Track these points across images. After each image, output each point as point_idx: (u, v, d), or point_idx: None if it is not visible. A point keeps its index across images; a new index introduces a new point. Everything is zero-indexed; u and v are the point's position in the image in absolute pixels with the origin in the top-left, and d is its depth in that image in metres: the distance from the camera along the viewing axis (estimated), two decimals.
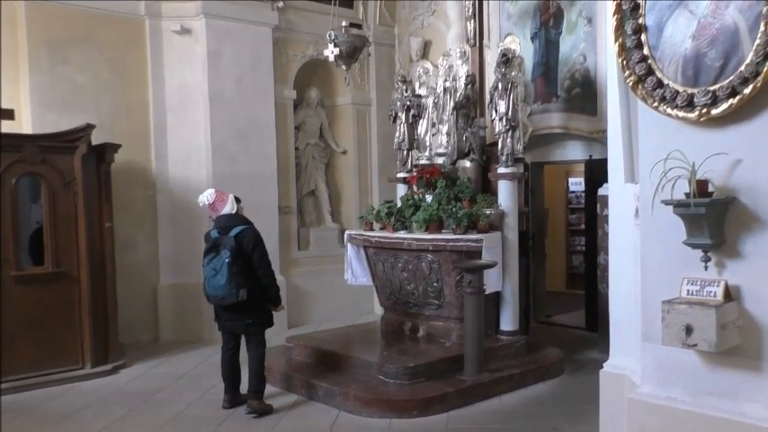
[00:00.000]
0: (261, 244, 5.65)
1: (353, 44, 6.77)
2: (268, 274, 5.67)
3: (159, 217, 8.60)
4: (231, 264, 5.40)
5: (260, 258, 5.60)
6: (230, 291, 5.42)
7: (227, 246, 5.46)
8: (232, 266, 5.40)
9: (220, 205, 5.71)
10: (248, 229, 5.64)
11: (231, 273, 5.40)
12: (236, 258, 5.44)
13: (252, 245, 5.56)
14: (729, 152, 3.09)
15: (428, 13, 9.82)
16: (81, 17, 8.02)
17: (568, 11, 7.98)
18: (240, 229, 5.60)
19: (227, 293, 5.43)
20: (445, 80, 7.80)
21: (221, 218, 5.69)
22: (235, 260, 5.42)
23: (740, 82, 2.98)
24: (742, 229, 3.11)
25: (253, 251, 5.56)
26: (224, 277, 5.41)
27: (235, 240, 5.50)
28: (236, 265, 5.43)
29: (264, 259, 5.65)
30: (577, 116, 7.90)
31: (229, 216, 5.69)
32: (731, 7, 2.99)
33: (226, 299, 5.47)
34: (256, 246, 5.59)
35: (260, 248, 5.62)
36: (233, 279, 5.40)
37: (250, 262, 5.57)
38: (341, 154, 10.22)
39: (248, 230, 5.62)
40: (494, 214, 6.83)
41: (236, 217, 5.71)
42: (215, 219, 5.74)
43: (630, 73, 3.33)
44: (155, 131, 8.56)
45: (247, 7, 8.82)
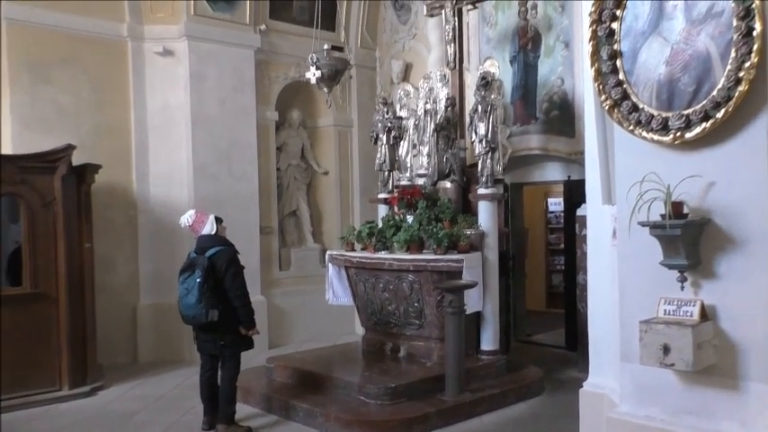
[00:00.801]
0: (234, 265, 5.57)
1: (335, 67, 6.81)
2: (240, 296, 5.58)
3: (140, 237, 8.53)
4: (202, 284, 5.35)
5: (232, 280, 5.52)
6: (200, 311, 5.37)
7: (201, 266, 5.42)
8: (203, 286, 5.35)
9: (200, 226, 5.67)
10: (224, 250, 5.59)
11: (201, 293, 5.35)
12: (208, 279, 5.38)
13: (225, 266, 5.50)
14: (703, 175, 3.15)
15: (409, 36, 9.92)
16: (64, 38, 7.98)
17: (546, 35, 8.10)
18: (216, 250, 5.55)
19: (198, 313, 5.39)
20: (426, 102, 7.85)
21: (201, 238, 5.67)
22: (206, 280, 5.37)
23: (713, 106, 3.04)
24: (717, 250, 3.16)
25: (225, 272, 5.49)
26: (194, 297, 5.36)
27: (208, 261, 5.46)
28: (208, 286, 5.37)
29: (237, 281, 5.56)
30: (556, 138, 7.99)
31: (208, 237, 5.66)
32: (703, 34, 3.06)
33: (196, 318, 5.43)
34: (229, 267, 5.51)
35: (233, 270, 5.54)
36: (203, 299, 5.35)
37: (222, 283, 5.51)
38: (322, 174, 10.23)
39: (223, 251, 5.56)
40: (474, 235, 6.85)
41: (214, 238, 5.67)
42: (197, 239, 5.71)
43: (606, 97, 3.39)
44: (136, 152, 8.51)
45: (230, 30, 8.84)
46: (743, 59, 2.91)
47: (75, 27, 8.04)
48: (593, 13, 3.40)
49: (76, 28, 8.06)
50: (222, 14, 8.77)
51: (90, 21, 8.16)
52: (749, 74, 2.91)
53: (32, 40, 7.75)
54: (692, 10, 3.10)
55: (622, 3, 3.32)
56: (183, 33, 8.50)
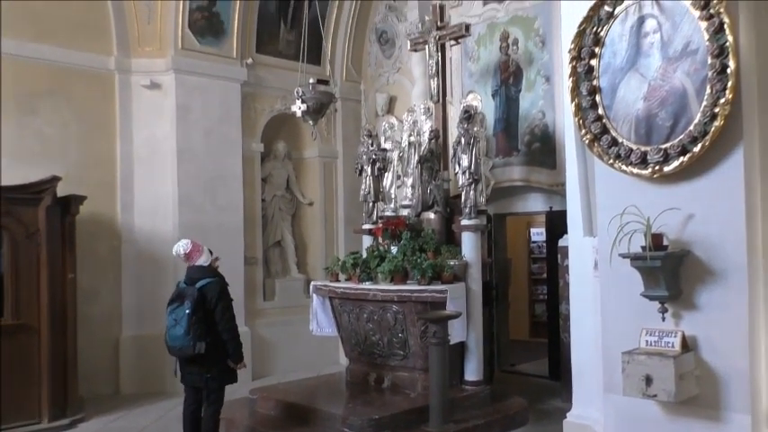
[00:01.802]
0: (225, 298, 5.51)
1: (320, 100, 6.86)
2: (229, 329, 5.50)
3: (123, 268, 8.44)
4: (191, 315, 5.27)
5: (222, 313, 5.44)
6: (188, 343, 5.28)
7: (191, 297, 5.35)
8: (191, 318, 5.27)
9: (196, 255, 5.58)
10: (214, 281, 5.52)
11: (190, 324, 5.26)
12: (197, 310, 5.30)
13: (215, 298, 5.43)
14: (682, 207, 3.18)
15: (393, 70, 10.02)
16: (51, 71, 7.98)
17: (527, 69, 8.22)
18: (207, 281, 5.49)
19: (185, 345, 5.30)
20: (410, 135, 7.90)
21: (192, 268, 5.59)
22: (195, 312, 5.29)
23: (690, 141, 3.09)
24: (696, 281, 3.18)
25: (216, 305, 5.42)
26: (183, 328, 5.28)
27: (198, 292, 5.40)
28: (196, 317, 5.29)
29: (226, 314, 5.48)
30: (538, 169, 8.06)
31: (200, 267, 5.58)
32: (679, 71, 3.12)
33: (183, 350, 5.34)
34: (220, 300, 5.44)
35: (223, 303, 5.47)
36: (191, 331, 5.27)
37: (212, 315, 5.44)
38: (307, 205, 10.22)
39: (214, 283, 5.50)
40: (458, 265, 6.85)
41: (206, 269, 5.60)
42: (187, 269, 5.64)
43: (587, 131, 3.43)
44: (121, 183, 8.47)
45: (217, 63, 8.88)
46: (718, 96, 2.97)
47: (63, 60, 8.05)
48: (573, 50, 3.46)
49: (64, 61, 8.07)
50: (209, 48, 8.82)
51: (78, 54, 8.18)
52: (724, 109, 2.96)
53: (20, 72, 7.72)
54: (668, 48, 3.16)
55: (601, 40, 3.38)
56: (171, 67, 8.53)
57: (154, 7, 8.51)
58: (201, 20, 8.67)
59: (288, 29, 9.59)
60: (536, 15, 8.13)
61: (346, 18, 10.11)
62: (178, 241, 5.75)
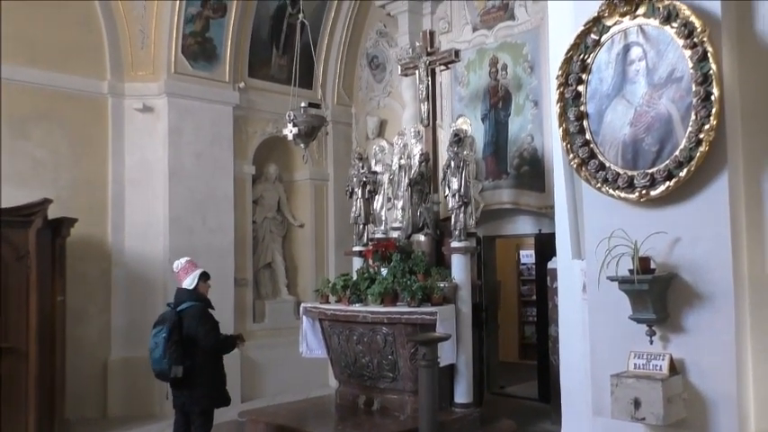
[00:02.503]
0: (206, 322, 5.42)
1: (312, 124, 6.89)
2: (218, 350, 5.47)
3: (113, 289, 8.39)
4: (167, 339, 5.23)
5: (205, 337, 5.36)
6: (164, 366, 5.24)
7: (169, 320, 5.32)
8: (167, 342, 5.23)
9: (183, 276, 5.57)
10: (194, 306, 5.44)
11: (166, 347, 5.23)
12: (174, 334, 5.25)
13: (195, 322, 5.35)
14: (669, 231, 3.20)
15: (384, 94, 10.09)
16: (44, 94, 7.99)
17: (516, 94, 8.30)
18: (187, 305, 5.43)
19: (162, 368, 5.27)
20: (400, 158, 7.93)
21: (179, 291, 5.57)
22: (171, 335, 5.24)
23: (675, 166, 3.12)
24: (684, 305, 3.19)
25: (197, 330, 5.34)
26: (160, 352, 5.25)
27: (178, 316, 5.35)
28: (173, 341, 5.23)
29: (210, 336, 5.39)
30: (527, 192, 8.11)
31: (185, 291, 5.55)
32: (664, 98, 3.16)
33: (161, 374, 5.32)
34: (200, 324, 5.36)
35: (206, 327, 5.38)
36: (167, 354, 5.23)
37: (191, 339, 5.36)
38: (298, 227, 10.21)
39: (193, 307, 5.42)
40: (447, 287, 6.85)
41: (190, 293, 5.54)
42: (176, 290, 5.61)
43: (574, 156, 3.46)
44: (112, 205, 8.45)
45: (210, 87, 8.92)
46: (702, 122, 3.00)
47: (56, 84, 8.07)
48: (561, 77, 3.49)
49: (57, 85, 8.09)
50: (202, 72, 8.86)
51: (71, 78, 8.20)
52: (709, 135, 2.99)
53: (13, 96, 7.71)
54: (653, 75, 3.20)
55: (588, 67, 3.41)
56: (164, 90, 8.56)
57: (148, 32, 8.57)
58: (195, 45, 8.73)
59: (280, 54, 9.66)
60: (524, 42, 8.23)
61: (338, 43, 10.20)
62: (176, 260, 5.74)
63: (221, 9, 8.78)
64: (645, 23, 3.21)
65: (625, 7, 3.24)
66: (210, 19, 8.75)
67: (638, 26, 3.24)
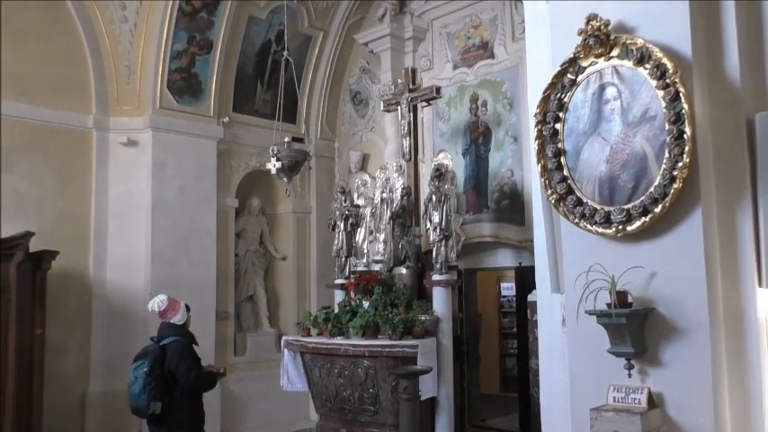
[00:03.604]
0: (187, 359, 5.25)
1: (295, 158, 6.92)
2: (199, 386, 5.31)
3: (93, 322, 8.25)
4: (148, 374, 5.06)
5: (185, 374, 5.19)
6: (143, 402, 5.05)
7: (152, 354, 5.15)
8: (148, 377, 5.06)
9: (171, 314, 5.37)
10: (177, 341, 5.29)
11: (146, 383, 5.04)
12: (155, 369, 5.09)
13: (176, 359, 5.20)
14: (645, 265, 3.23)
15: (367, 129, 10.16)
16: (29, 128, 7.91)
17: (496, 130, 8.41)
18: (171, 339, 5.28)
19: (140, 404, 5.07)
20: (382, 191, 7.97)
21: (164, 325, 5.40)
22: (153, 369, 5.08)
23: (651, 202, 3.16)
24: (661, 338, 3.20)
25: (177, 365, 5.19)
26: (139, 387, 5.06)
27: (160, 350, 5.21)
28: (153, 376, 5.07)
29: (191, 374, 5.21)
30: (507, 226, 8.16)
31: (170, 325, 5.38)
32: (639, 136, 3.22)
33: (139, 410, 5.12)
34: (181, 360, 5.21)
35: (186, 363, 5.21)
36: (146, 390, 5.04)
37: (172, 375, 5.21)
38: (280, 260, 10.15)
39: (176, 342, 5.27)
40: (429, 320, 6.83)
41: (175, 327, 5.39)
42: (160, 324, 5.47)
43: (552, 192, 3.50)
44: (95, 238, 8.36)
45: (194, 122, 8.92)
46: (676, 160, 3.06)
47: (41, 118, 8.03)
48: (539, 115, 3.55)
49: (43, 119, 8.05)
50: (187, 107, 8.88)
51: (57, 113, 8.18)
52: (682, 173, 3.05)
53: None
54: (628, 114, 3.26)
55: (565, 106, 3.47)
56: (149, 125, 8.55)
57: (134, 68, 8.60)
58: (180, 80, 8.76)
59: (264, 89, 9.72)
60: (504, 80, 8.37)
61: (322, 79, 10.29)
62: (155, 296, 5.55)
63: (207, 46, 8.84)
64: (619, 65, 3.28)
65: (600, 49, 3.32)
66: (196, 55, 8.80)
67: (612, 67, 3.31)
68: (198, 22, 8.66)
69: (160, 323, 5.45)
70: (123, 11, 8.43)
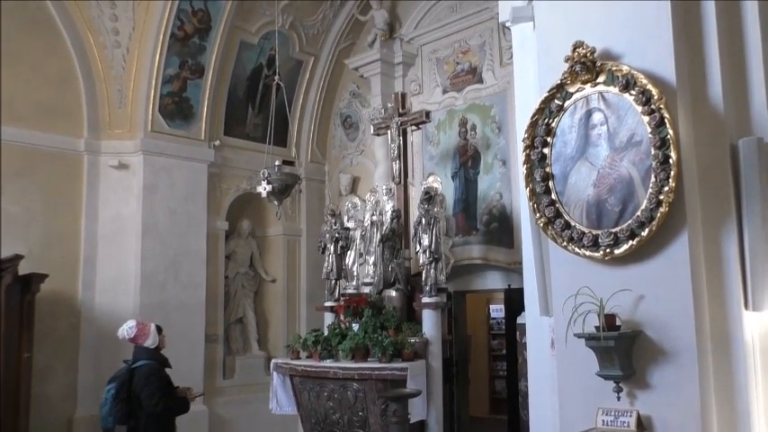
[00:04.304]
0: (152, 383, 5.16)
1: (285, 182, 6.92)
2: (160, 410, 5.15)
3: (81, 346, 8.15)
4: (115, 396, 5.06)
5: (148, 399, 5.11)
6: (109, 424, 5.05)
7: (120, 378, 5.14)
8: (115, 399, 5.06)
9: (142, 338, 5.33)
10: (147, 365, 5.23)
11: (112, 405, 5.05)
12: (121, 392, 5.08)
13: (141, 383, 5.13)
14: (633, 288, 3.24)
15: (357, 152, 10.20)
16: (20, 152, 7.86)
17: (485, 153, 8.46)
18: (141, 363, 5.24)
19: (107, 426, 5.08)
20: (372, 214, 7.96)
21: (138, 348, 5.36)
22: (118, 393, 5.07)
23: (638, 225, 3.18)
24: (649, 361, 3.20)
25: (141, 390, 5.12)
26: (107, 408, 5.07)
27: (129, 374, 5.16)
28: (119, 399, 5.06)
29: (153, 399, 5.11)
30: (496, 248, 8.17)
31: (143, 349, 5.33)
32: (625, 160, 3.24)
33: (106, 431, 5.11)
34: (145, 385, 5.13)
35: (149, 388, 5.13)
36: (112, 412, 5.05)
37: (138, 398, 5.14)
38: (270, 282, 10.10)
39: (146, 366, 5.22)
40: (418, 343, 6.80)
41: (147, 351, 5.33)
42: (134, 348, 5.41)
43: (541, 215, 3.51)
44: (84, 261, 8.29)
45: (185, 145, 8.92)
46: (662, 184, 3.08)
47: (32, 141, 8.00)
48: (527, 139, 3.58)
49: (34, 142, 8.01)
50: (178, 131, 8.88)
51: (48, 136, 8.15)
52: (668, 197, 3.07)
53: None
54: (614, 139, 3.29)
55: (552, 130, 3.50)
56: (140, 148, 8.54)
57: (126, 92, 8.61)
58: (172, 104, 8.77)
59: (255, 112, 9.75)
60: (492, 104, 8.44)
61: (312, 103, 10.35)
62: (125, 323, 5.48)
63: (199, 70, 8.87)
64: (605, 91, 3.32)
65: (586, 75, 3.36)
66: (188, 80, 8.83)
67: (598, 93, 3.35)
68: (190, 47, 8.71)
69: (134, 347, 5.38)
70: (116, 36, 8.46)
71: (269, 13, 9.10)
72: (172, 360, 5.60)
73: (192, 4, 8.52)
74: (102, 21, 8.42)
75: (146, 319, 7.85)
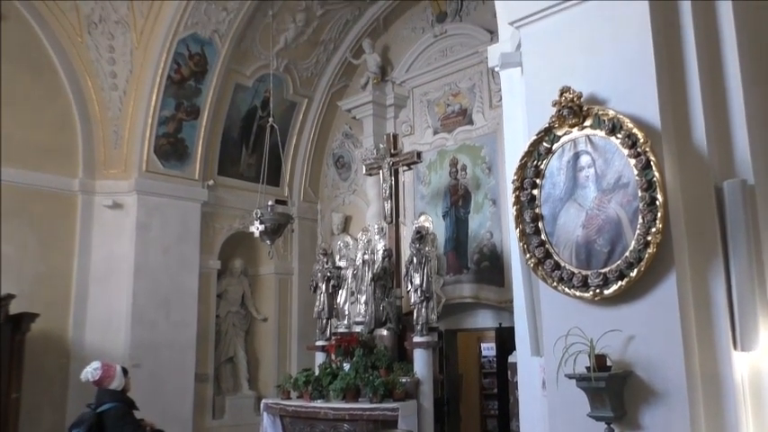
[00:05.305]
0: (129, 423, 5.01)
1: (278, 221, 6.93)
2: None
3: (70, 385, 8.00)
4: None
5: None
6: None
7: (87, 422, 4.89)
8: None
9: (107, 381, 5.11)
10: (116, 407, 5.04)
11: None
12: None
13: (119, 425, 4.95)
14: (623, 329, 3.22)
15: (349, 192, 10.23)
16: (14, 192, 7.86)
17: (475, 193, 8.51)
18: (108, 406, 5.02)
19: None
20: (364, 253, 7.96)
21: (101, 391, 5.13)
22: None
23: (626, 266, 3.18)
24: (640, 402, 3.17)
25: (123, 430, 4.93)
26: None
27: (97, 417, 4.95)
28: None
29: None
30: (487, 287, 8.16)
31: (108, 392, 5.12)
32: (613, 202, 3.26)
33: None
34: (124, 425, 4.96)
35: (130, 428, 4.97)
36: None
37: None
38: (261, 321, 10.01)
39: (114, 408, 5.02)
40: (409, 382, 6.73)
41: (113, 393, 5.13)
42: (97, 391, 5.16)
43: (531, 256, 3.51)
44: (75, 300, 8.23)
45: (179, 185, 8.94)
46: (649, 225, 3.10)
47: (27, 182, 8.01)
48: (516, 181, 3.60)
49: (29, 183, 8.03)
50: (173, 171, 8.91)
51: (43, 176, 8.18)
52: (656, 238, 3.08)
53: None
54: (602, 181, 3.31)
55: (541, 172, 3.53)
56: (134, 188, 8.56)
57: (122, 133, 8.67)
58: (167, 145, 8.82)
59: (249, 153, 9.81)
60: (482, 145, 8.53)
61: (305, 143, 10.43)
62: (89, 365, 5.27)
63: (194, 112, 8.95)
64: (592, 134, 3.36)
65: (573, 119, 3.40)
66: (183, 121, 8.90)
67: (586, 136, 3.38)
68: (186, 89, 8.80)
69: (97, 390, 5.16)
70: (114, 79, 8.56)
71: (264, 57, 9.23)
72: (161, 400, 5.53)
73: (190, 48, 8.65)
74: (100, 64, 8.52)
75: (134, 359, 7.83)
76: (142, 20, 8.35)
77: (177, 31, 8.43)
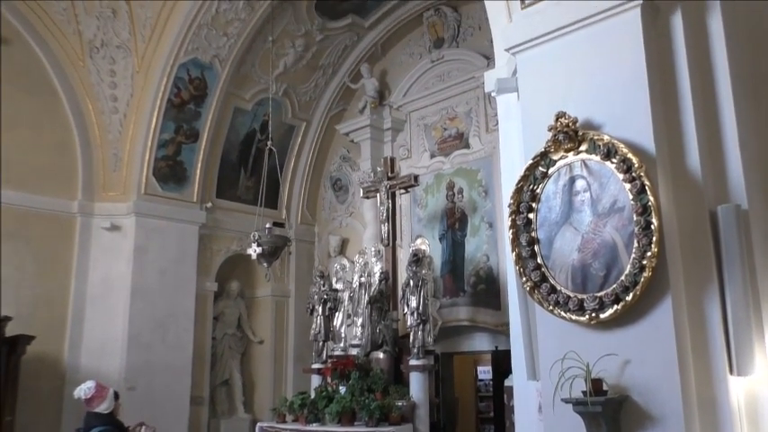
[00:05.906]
0: None
1: (275, 244, 6.92)
2: None
3: (64, 408, 7.89)
4: None
5: None
6: None
7: None
8: None
9: (97, 402, 4.98)
10: (106, 430, 4.93)
11: None
12: None
13: None
14: (619, 353, 3.21)
15: (346, 214, 10.23)
16: (13, 214, 7.84)
17: (472, 216, 8.51)
18: (99, 430, 4.91)
19: None
20: (361, 276, 7.93)
21: (90, 414, 5.00)
22: None
23: (622, 290, 3.18)
24: (636, 426, 3.15)
25: None
26: None
27: None
28: None
29: None
30: (483, 310, 8.12)
31: (98, 415, 4.99)
32: (608, 226, 3.27)
33: None
34: None
35: None
36: None
37: None
38: (257, 344, 9.93)
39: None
40: (405, 406, 6.66)
41: (104, 417, 5.01)
42: (86, 414, 5.05)
43: (527, 279, 3.51)
44: (71, 322, 8.16)
45: (177, 207, 8.92)
46: (645, 249, 3.10)
47: (26, 204, 8.00)
48: (512, 205, 3.61)
49: (28, 205, 8.01)
50: (171, 193, 8.91)
51: (43, 199, 8.17)
52: (651, 262, 3.08)
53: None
54: (597, 205, 3.32)
55: (537, 196, 3.54)
56: (132, 210, 8.54)
57: (121, 156, 8.69)
58: (166, 167, 8.83)
59: (248, 175, 9.82)
60: (479, 168, 8.55)
61: (303, 166, 10.46)
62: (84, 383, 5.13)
63: (194, 135, 8.98)
64: (588, 159, 3.38)
65: (569, 144, 3.42)
66: (183, 144, 8.92)
67: (581, 161, 3.40)
68: (186, 113, 8.84)
69: (86, 413, 5.04)
70: (114, 102, 8.60)
71: (263, 81, 9.29)
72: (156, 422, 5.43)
73: (190, 73, 8.70)
74: (101, 88, 8.56)
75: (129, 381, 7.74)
76: (144, 45, 8.42)
77: (178, 56, 8.49)
